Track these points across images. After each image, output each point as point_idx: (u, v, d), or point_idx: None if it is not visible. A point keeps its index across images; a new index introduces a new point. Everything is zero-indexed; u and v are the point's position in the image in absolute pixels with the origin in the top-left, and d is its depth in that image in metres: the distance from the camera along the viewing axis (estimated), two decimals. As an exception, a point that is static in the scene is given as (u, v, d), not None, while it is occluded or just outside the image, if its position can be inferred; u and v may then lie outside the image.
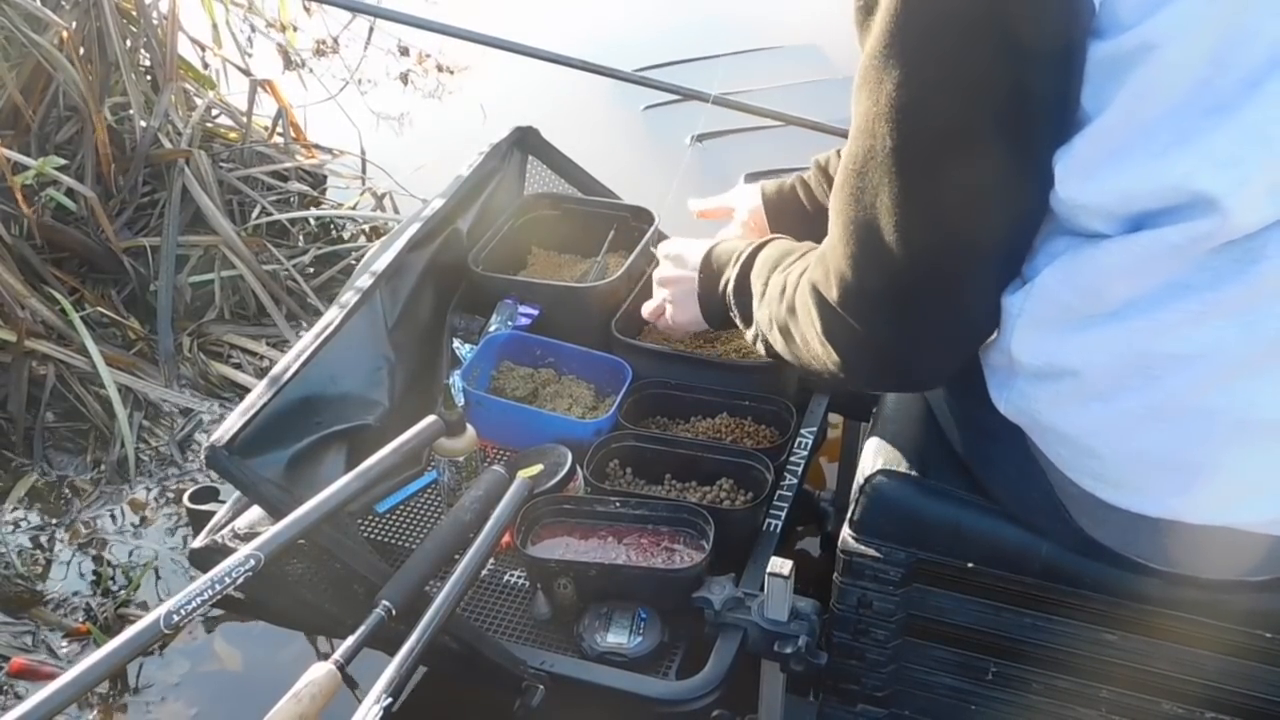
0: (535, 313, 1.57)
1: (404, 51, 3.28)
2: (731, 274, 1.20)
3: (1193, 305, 0.81)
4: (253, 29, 2.95)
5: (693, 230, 1.48)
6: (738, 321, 1.20)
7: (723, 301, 1.22)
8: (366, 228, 2.52)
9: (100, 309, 2.14)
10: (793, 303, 1.02)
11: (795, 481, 1.38)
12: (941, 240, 0.85)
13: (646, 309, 1.42)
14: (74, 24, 2.21)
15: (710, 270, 1.25)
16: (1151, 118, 0.76)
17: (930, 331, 0.90)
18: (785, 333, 1.04)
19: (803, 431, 1.44)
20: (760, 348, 1.14)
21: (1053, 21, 0.76)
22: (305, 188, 2.53)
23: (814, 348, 0.98)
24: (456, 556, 1.09)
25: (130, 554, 1.80)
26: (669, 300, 1.34)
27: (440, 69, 3.27)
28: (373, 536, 1.39)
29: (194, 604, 0.91)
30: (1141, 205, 0.79)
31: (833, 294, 0.92)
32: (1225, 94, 0.74)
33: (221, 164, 2.43)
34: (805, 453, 1.41)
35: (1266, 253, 0.78)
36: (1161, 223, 0.79)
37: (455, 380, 1.47)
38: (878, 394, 1.26)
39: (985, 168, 0.82)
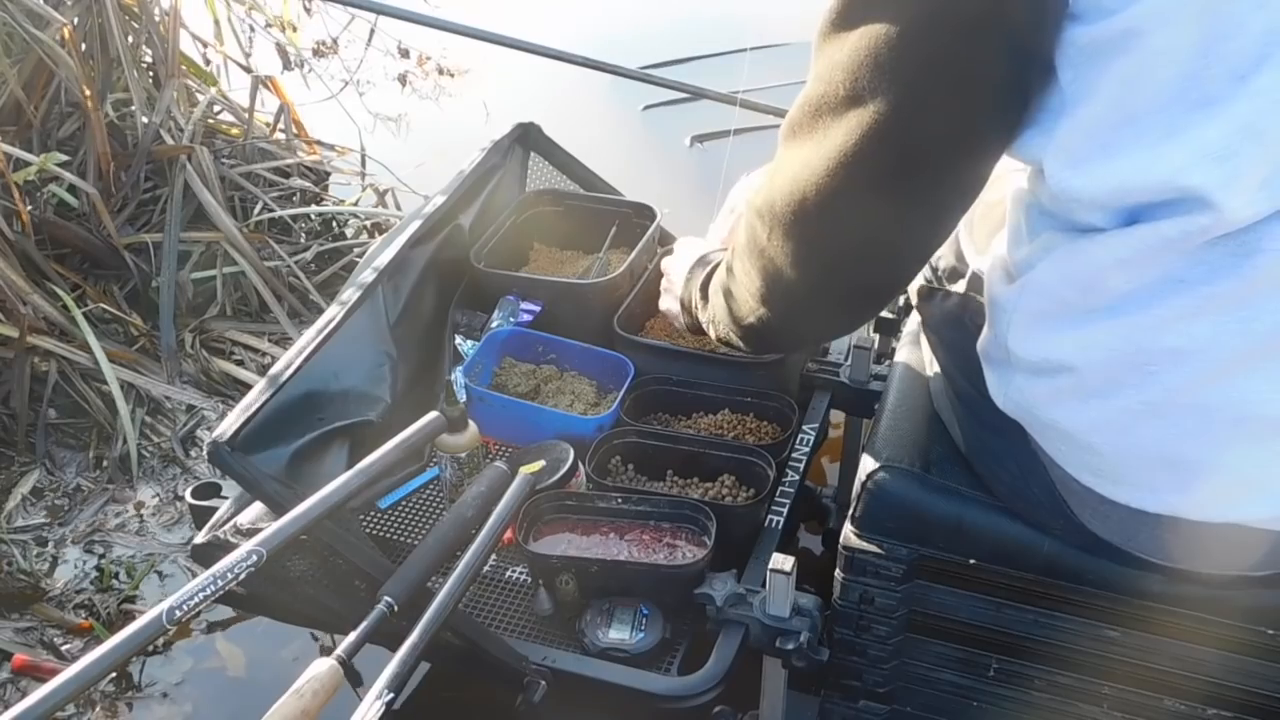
0: (537, 309, 1.57)
1: (404, 54, 3.27)
2: (695, 289, 1.20)
3: (1189, 300, 0.80)
4: (252, 29, 2.94)
5: (691, 228, 1.48)
6: (705, 327, 1.20)
7: (691, 314, 1.23)
8: (368, 224, 2.52)
9: (102, 305, 2.15)
10: (729, 260, 1.01)
11: (797, 478, 1.38)
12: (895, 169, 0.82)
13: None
14: (76, 20, 2.21)
15: (685, 283, 1.25)
16: (1140, 109, 0.76)
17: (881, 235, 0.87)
18: (728, 293, 1.04)
19: (805, 428, 1.44)
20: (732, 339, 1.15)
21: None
22: (307, 184, 2.52)
23: (753, 279, 0.96)
24: (458, 553, 1.09)
25: (132, 550, 1.80)
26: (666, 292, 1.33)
27: (441, 72, 3.27)
28: (375, 532, 1.39)
29: (196, 599, 0.90)
30: (1135, 199, 0.79)
31: (783, 201, 0.89)
32: (1213, 88, 0.73)
33: (223, 160, 2.43)
34: (807, 449, 1.41)
35: (1262, 246, 0.77)
36: (1156, 216, 0.78)
37: (457, 376, 1.47)
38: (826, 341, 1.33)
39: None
